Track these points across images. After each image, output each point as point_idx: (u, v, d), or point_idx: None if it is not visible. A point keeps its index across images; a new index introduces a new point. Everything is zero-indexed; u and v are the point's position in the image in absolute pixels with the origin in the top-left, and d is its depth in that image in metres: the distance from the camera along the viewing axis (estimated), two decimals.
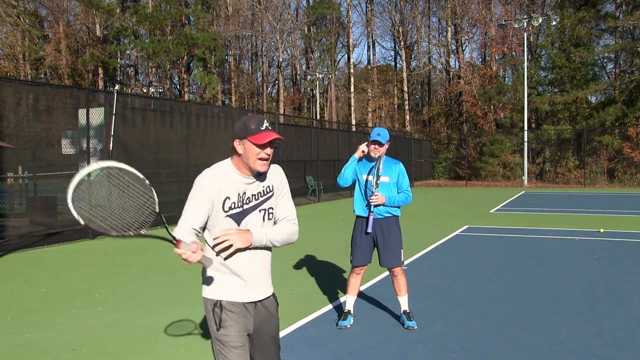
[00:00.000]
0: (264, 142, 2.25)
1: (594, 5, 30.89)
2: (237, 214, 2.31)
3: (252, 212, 2.35)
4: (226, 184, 2.29)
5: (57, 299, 5.79)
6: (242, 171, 2.32)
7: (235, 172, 2.32)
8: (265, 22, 42.62)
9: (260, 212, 2.37)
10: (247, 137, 2.25)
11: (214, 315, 2.31)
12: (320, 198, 19.45)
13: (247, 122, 2.27)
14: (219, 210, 2.28)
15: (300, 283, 6.36)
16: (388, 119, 45.13)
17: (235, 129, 2.32)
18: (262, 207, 2.38)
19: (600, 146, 28.53)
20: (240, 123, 2.31)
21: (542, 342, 4.20)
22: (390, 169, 4.58)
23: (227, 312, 2.30)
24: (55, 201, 10.76)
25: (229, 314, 2.30)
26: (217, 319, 2.30)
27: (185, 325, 4.68)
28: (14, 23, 38.37)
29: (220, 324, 2.29)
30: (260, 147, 2.26)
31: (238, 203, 2.31)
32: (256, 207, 2.36)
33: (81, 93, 11.37)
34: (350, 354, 4.02)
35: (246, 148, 2.27)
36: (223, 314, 2.29)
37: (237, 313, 2.31)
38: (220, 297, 2.31)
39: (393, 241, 4.54)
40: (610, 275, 6.57)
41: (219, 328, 2.29)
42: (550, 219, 12.76)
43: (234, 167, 2.33)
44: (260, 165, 2.28)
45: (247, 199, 2.34)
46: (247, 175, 2.33)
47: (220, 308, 2.30)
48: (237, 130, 2.31)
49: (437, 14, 43.02)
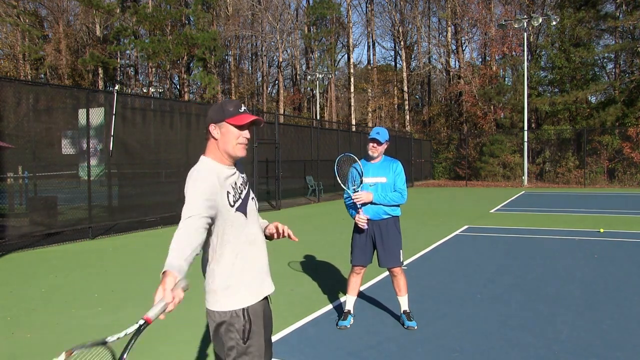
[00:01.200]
0: (243, 123, 2.13)
1: (594, 5, 30.88)
2: (241, 205, 2.19)
3: (248, 200, 2.26)
4: (222, 180, 2.16)
5: (57, 299, 5.79)
6: (224, 163, 2.19)
7: (221, 166, 2.19)
8: (265, 22, 42.64)
9: (252, 199, 2.30)
10: (225, 119, 2.13)
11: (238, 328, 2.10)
12: (320, 198, 19.44)
13: (224, 105, 2.16)
14: (226, 207, 2.12)
15: (300, 283, 6.36)
16: (388, 119, 45.14)
17: (210, 113, 2.18)
18: (252, 195, 2.31)
19: (600, 146, 28.53)
20: (215, 107, 2.18)
21: (542, 342, 4.20)
22: (388, 168, 4.56)
23: (255, 320, 2.13)
24: (55, 201, 10.77)
25: (256, 322, 2.13)
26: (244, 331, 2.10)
27: (185, 325, 4.68)
28: (14, 23, 38.38)
29: (248, 335, 2.10)
30: (240, 128, 2.14)
31: (236, 195, 2.19)
32: (248, 196, 2.27)
33: (81, 93, 11.37)
34: (350, 354, 4.02)
35: (223, 132, 2.14)
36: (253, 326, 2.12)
37: (260, 318, 2.17)
38: (244, 304, 2.13)
39: (392, 242, 4.53)
40: (610, 275, 6.57)
41: (246, 340, 2.10)
42: (550, 219, 12.76)
43: (216, 162, 2.19)
44: (240, 150, 2.17)
45: (239, 189, 2.22)
46: (229, 165, 2.21)
47: (246, 318, 2.12)
48: (212, 114, 2.16)
49: (437, 14, 43.05)
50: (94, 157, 10.88)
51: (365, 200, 4.41)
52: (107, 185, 11.27)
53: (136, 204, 11.70)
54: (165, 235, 10.77)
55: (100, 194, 11.35)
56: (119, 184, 11.60)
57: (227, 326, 2.12)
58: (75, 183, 12.22)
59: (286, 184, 17.76)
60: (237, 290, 2.14)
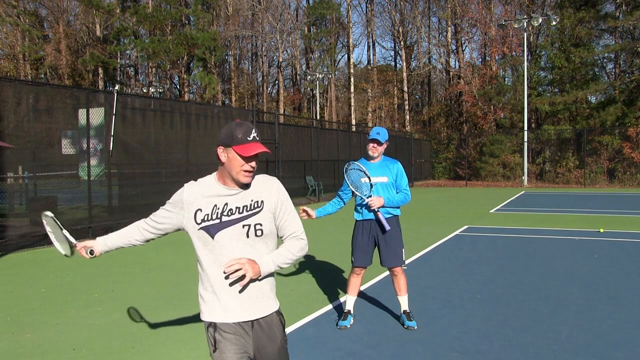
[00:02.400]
0: (249, 155, 2.13)
1: (593, 5, 30.88)
2: (212, 226, 2.16)
3: (232, 225, 2.17)
4: (200, 197, 2.20)
5: (57, 299, 5.79)
6: (224, 182, 2.21)
7: (216, 184, 2.21)
8: (265, 22, 42.65)
9: (244, 227, 2.17)
10: (232, 145, 2.12)
11: (209, 337, 2.21)
12: (320, 198, 19.44)
13: (234, 130, 2.13)
14: (190, 222, 2.21)
15: (300, 283, 6.36)
16: (388, 119, 45.15)
17: (221, 134, 2.17)
18: (247, 222, 2.18)
19: (600, 146, 28.52)
20: (226, 129, 2.16)
21: (542, 342, 4.20)
22: (388, 168, 4.58)
23: (222, 332, 2.18)
24: (55, 201, 10.76)
25: (224, 335, 2.17)
26: (212, 340, 2.19)
27: (185, 325, 4.68)
28: (14, 23, 38.37)
29: (215, 345, 2.18)
30: (245, 159, 2.13)
31: (213, 215, 2.17)
32: (239, 221, 2.17)
33: (81, 93, 11.37)
34: (350, 354, 4.02)
35: (230, 157, 2.14)
36: (217, 335, 2.18)
37: (232, 333, 2.18)
38: (213, 319, 2.19)
39: (394, 241, 4.54)
40: (610, 275, 6.57)
41: (215, 350, 2.17)
42: (550, 219, 12.76)
43: (216, 179, 2.23)
44: (243, 177, 2.16)
45: (229, 211, 2.17)
46: (230, 186, 2.20)
47: (214, 328, 2.19)
48: (222, 136, 2.16)
49: (437, 14, 43.05)
50: (94, 157, 10.88)
51: (378, 205, 4.42)
52: (107, 185, 11.27)
53: (136, 203, 11.69)
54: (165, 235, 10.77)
55: (100, 194, 11.35)
56: (119, 184, 11.59)
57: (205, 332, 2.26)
58: (75, 183, 12.22)
59: (286, 184, 17.55)
60: (206, 305, 2.23)
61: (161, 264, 7.72)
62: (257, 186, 2.27)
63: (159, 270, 7.28)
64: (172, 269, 7.32)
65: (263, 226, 2.20)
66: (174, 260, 8.03)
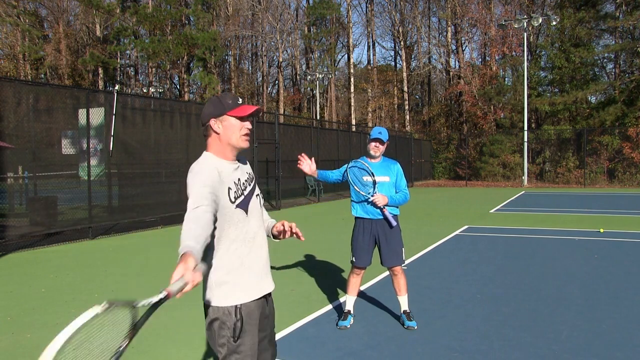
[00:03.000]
0: (246, 114, 2.13)
1: (593, 5, 30.88)
2: (242, 202, 2.16)
3: (252, 197, 2.23)
4: (223, 175, 2.13)
5: (57, 299, 5.79)
6: (226, 157, 2.18)
7: (223, 162, 2.17)
8: (265, 22, 42.64)
9: (257, 197, 2.27)
10: (226, 112, 2.12)
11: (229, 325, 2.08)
12: (320, 198, 19.44)
13: (223, 99, 2.15)
14: (226, 203, 2.10)
15: (300, 283, 6.36)
16: (388, 119, 45.15)
17: (207, 109, 2.15)
18: (256, 191, 2.28)
19: (600, 146, 28.52)
20: (212, 101, 2.16)
21: (542, 342, 4.20)
22: (389, 169, 4.60)
23: (248, 319, 2.11)
24: (55, 201, 10.76)
25: (249, 322, 2.11)
26: (236, 329, 2.08)
27: (185, 325, 4.68)
28: (14, 23, 38.37)
29: (239, 334, 2.08)
30: (242, 119, 2.14)
31: (238, 191, 2.16)
32: (253, 192, 2.24)
33: (81, 93, 11.37)
34: (350, 354, 4.02)
35: (225, 125, 2.13)
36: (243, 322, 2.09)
37: (255, 318, 2.15)
38: (242, 300, 2.12)
39: (395, 240, 4.55)
40: (610, 275, 6.57)
41: (237, 338, 2.08)
42: (550, 219, 12.76)
43: (218, 157, 2.17)
44: (243, 141, 2.16)
45: (243, 185, 2.20)
46: (232, 160, 2.20)
47: (239, 317, 2.09)
48: (210, 110, 2.14)
49: (437, 14, 43.05)
50: (94, 157, 10.88)
51: (383, 203, 4.42)
52: (107, 185, 11.27)
53: (136, 204, 11.70)
54: (166, 235, 10.78)
55: (100, 194, 11.36)
56: (119, 184, 11.60)
57: (220, 323, 2.10)
58: (75, 183, 12.22)
59: (286, 184, 17.76)
60: (232, 288, 2.12)
61: (161, 264, 7.72)
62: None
63: (159, 270, 7.28)
64: (172, 269, 7.31)
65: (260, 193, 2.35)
66: (174, 260, 8.00)
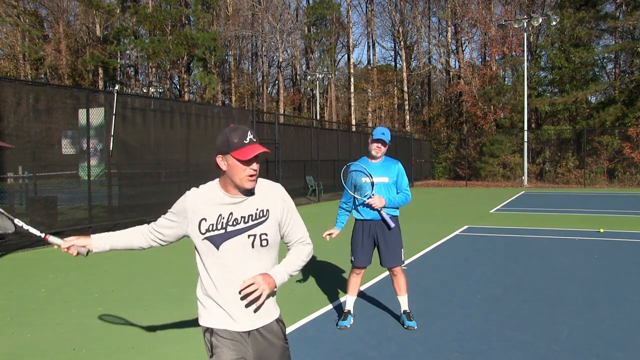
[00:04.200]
0: (249, 158, 2.05)
1: (593, 5, 30.88)
2: (217, 236, 2.11)
3: (238, 235, 2.11)
4: (205, 205, 2.13)
5: (57, 299, 5.79)
6: (227, 190, 2.13)
7: (221, 192, 2.14)
8: (265, 22, 42.63)
9: (249, 237, 2.12)
10: (230, 152, 2.05)
11: (206, 341, 2.18)
12: (320, 198, 19.44)
13: (229, 135, 2.06)
14: (194, 233, 2.15)
15: (300, 283, 6.37)
16: (388, 119, 45.14)
17: (217, 142, 2.10)
18: (252, 232, 2.13)
19: (600, 146, 28.52)
20: (221, 137, 2.09)
21: (542, 342, 4.20)
22: (389, 168, 4.58)
23: (219, 337, 2.14)
24: (55, 201, 10.76)
25: (220, 340, 2.14)
26: (209, 345, 2.15)
27: (185, 325, 4.68)
28: (14, 23, 38.36)
29: (212, 350, 2.14)
30: (246, 163, 2.06)
31: (218, 225, 2.11)
32: (244, 231, 2.12)
33: (81, 93, 11.37)
34: (350, 354, 4.02)
35: (230, 164, 2.07)
36: (213, 339, 2.14)
37: (229, 339, 2.14)
38: (211, 325, 2.17)
39: (394, 241, 4.54)
40: (610, 275, 6.57)
41: (212, 355, 2.14)
42: (550, 219, 12.76)
43: (220, 186, 2.15)
44: (247, 182, 2.09)
45: (234, 221, 2.12)
46: (234, 194, 2.13)
47: (210, 333, 2.16)
48: (218, 144, 2.09)
49: (437, 14, 43.04)
50: (94, 157, 10.88)
51: (380, 205, 4.42)
52: (107, 185, 11.27)
53: (136, 204, 11.70)
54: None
55: (100, 194, 11.35)
56: (119, 184, 11.60)
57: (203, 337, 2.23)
58: (75, 183, 12.22)
59: (286, 184, 17.73)
60: (202, 308, 2.22)
61: (161, 264, 7.72)
62: (261, 193, 2.20)
63: (159, 270, 7.28)
64: (172, 269, 7.32)
65: (268, 236, 2.16)
66: (174, 260, 8.02)
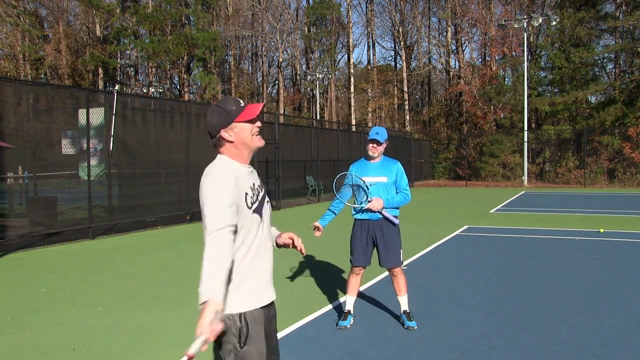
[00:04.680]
0: (255, 115, 2.11)
1: (594, 5, 30.88)
2: (258, 207, 2.14)
3: (265, 202, 2.20)
4: (241, 181, 2.10)
5: (57, 299, 5.79)
6: (243, 160, 2.17)
7: (240, 165, 2.15)
8: (265, 22, 42.63)
9: (267, 203, 2.23)
10: (233, 119, 2.10)
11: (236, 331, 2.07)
12: (320, 198, 19.43)
13: (225, 107, 2.11)
14: (243, 209, 2.08)
15: (300, 283, 6.36)
16: (388, 119, 45.14)
17: (213, 120, 2.12)
18: (267, 198, 2.25)
19: (600, 146, 28.51)
20: (216, 111, 2.12)
21: (542, 342, 4.20)
22: (388, 168, 4.57)
23: (252, 325, 2.08)
24: (55, 201, 10.76)
25: (254, 327, 2.09)
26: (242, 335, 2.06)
27: (185, 325, 4.68)
28: (14, 23, 38.37)
29: (246, 340, 2.06)
30: (252, 122, 2.12)
31: (254, 196, 2.13)
32: (264, 198, 2.21)
33: (81, 93, 11.36)
34: (350, 354, 4.02)
35: (237, 131, 2.11)
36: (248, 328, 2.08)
37: (260, 324, 2.12)
38: (242, 309, 2.09)
39: (392, 241, 4.54)
40: (610, 275, 6.57)
41: (243, 344, 2.06)
42: (550, 219, 12.76)
43: (235, 160, 2.15)
44: (258, 141, 2.15)
45: (257, 190, 2.17)
46: (247, 164, 2.19)
47: (244, 321, 2.08)
48: (216, 120, 2.11)
49: (437, 14, 43.04)
50: (94, 157, 10.88)
51: (379, 208, 4.42)
52: (107, 185, 11.27)
53: (136, 204, 11.70)
54: (165, 235, 10.78)
55: (100, 194, 11.35)
56: (119, 184, 11.59)
57: (226, 329, 2.06)
58: (75, 183, 12.22)
59: (286, 184, 17.75)
60: (237, 294, 2.10)
61: (161, 264, 7.72)
62: None
63: (159, 270, 7.28)
64: (172, 269, 7.32)
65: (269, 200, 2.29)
66: (174, 260, 8.03)
